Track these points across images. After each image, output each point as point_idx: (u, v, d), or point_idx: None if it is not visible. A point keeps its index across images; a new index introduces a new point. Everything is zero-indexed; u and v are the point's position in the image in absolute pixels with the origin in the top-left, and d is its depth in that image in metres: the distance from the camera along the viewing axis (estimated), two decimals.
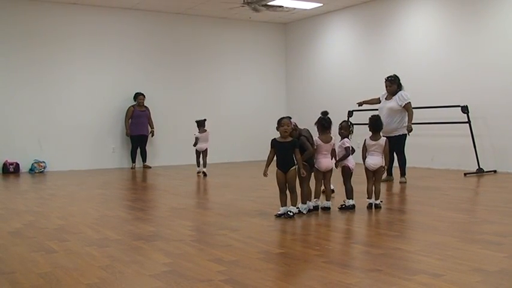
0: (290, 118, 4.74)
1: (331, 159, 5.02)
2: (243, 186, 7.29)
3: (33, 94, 9.85)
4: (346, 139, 5.09)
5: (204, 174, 8.55)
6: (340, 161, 5.07)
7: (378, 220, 4.69)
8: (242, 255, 3.36)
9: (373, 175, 5.11)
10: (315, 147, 4.90)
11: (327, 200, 5.03)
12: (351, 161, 5.06)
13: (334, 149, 5.03)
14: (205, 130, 8.73)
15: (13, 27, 9.66)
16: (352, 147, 5.15)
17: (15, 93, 9.70)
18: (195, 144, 8.71)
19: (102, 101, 10.47)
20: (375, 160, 5.10)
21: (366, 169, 5.12)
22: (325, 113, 5.04)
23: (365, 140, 5.20)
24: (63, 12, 10.06)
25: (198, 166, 8.81)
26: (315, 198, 4.99)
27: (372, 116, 5.37)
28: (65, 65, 10.15)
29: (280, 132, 4.65)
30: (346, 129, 5.14)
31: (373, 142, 5.13)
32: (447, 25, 9.05)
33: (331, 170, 5.01)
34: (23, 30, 9.73)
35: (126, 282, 2.87)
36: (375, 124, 5.23)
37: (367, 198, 5.10)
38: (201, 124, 8.76)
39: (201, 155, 8.73)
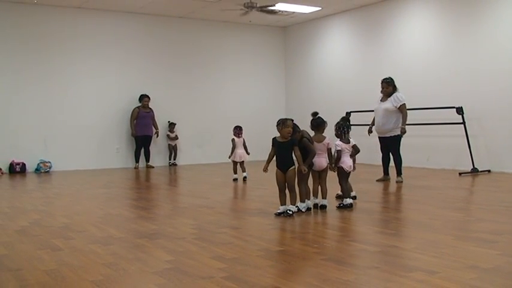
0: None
1: (327, 158, 5.08)
2: (243, 185, 7.33)
3: (39, 95, 9.95)
4: (337, 141, 5.13)
5: (175, 164, 11.05)
6: (335, 164, 5.13)
7: (375, 218, 4.74)
8: (242, 253, 3.40)
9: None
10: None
11: (323, 199, 5.08)
12: (345, 162, 5.09)
13: (330, 149, 5.09)
14: (175, 131, 11.05)
15: (20, 30, 9.76)
16: (356, 145, 5.18)
17: (22, 95, 9.80)
18: (168, 136, 11.05)
19: (106, 102, 10.56)
20: (350, 162, 5.15)
21: (344, 170, 5.11)
22: (314, 114, 5.11)
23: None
24: (69, 15, 10.17)
25: (169, 159, 11.08)
26: (312, 196, 5.06)
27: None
28: (70, 67, 10.24)
29: (283, 133, 4.66)
30: (336, 130, 5.19)
31: (345, 144, 5.14)
32: (443, 29, 9.11)
33: (326, 169, 5.05)
34: (29, 33, 9.83)
35: (130, 279, 2.91)
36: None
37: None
38: (173, 126, 11.01)
39: (173, 149, 11.07)
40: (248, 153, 7.86)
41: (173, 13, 10.90)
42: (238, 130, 7.75)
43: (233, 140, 7.75)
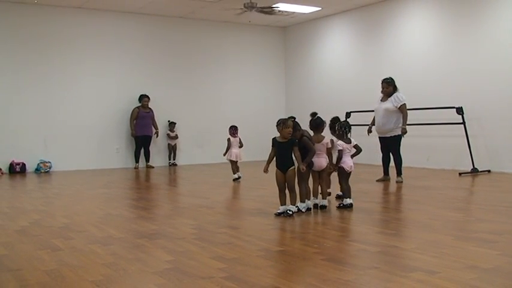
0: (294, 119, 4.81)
1: (327, 158, 5.08)
2: (243, 185, 7.34)
3: (40, 95, 9.96)
4: (338, 141, 5.14)
5: (175, 164, 11.07)
6: (336, 164, 5.13)
7: (375, 218, 4.75)
8: (242, 253, 3.41)
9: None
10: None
11: (323, 199, 5.09)
12: (346, 163, 5.09)
13: (329, 148, 5.09)
14: (175, 130, 11.10)
15: (20, 30, 9.77)
16: (357, 145, 5.18)
17: (22, 95, 9.81)
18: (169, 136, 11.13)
19: (106, 102, 10.57)
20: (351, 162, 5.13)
21: (345, 170, 5.12)
22: (313, 114, 5.12)
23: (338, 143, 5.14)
24: (69, 15, 10.18)
25: (169, 159, 11.13)
26: (313, 196, 5.07)
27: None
28: (70, 67, 10.25)
29: (283, 134, 4.66)
30: (337, 130, 5.19)
31: (346, 144, 5.14)
32: (443, 29, 9.12)
33: (325, 169, 5.06)
34: (29, 32, 9.85)
35: (130, 279, 2.92)
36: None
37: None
38: (173, 125, 11.06)
39: (172, 149, 11.14)
40: (241, 146, 7.84)
41: (173, 13, 10.91)
42: (233, 130, 7.83)
43: (229, 139, 7.81)
